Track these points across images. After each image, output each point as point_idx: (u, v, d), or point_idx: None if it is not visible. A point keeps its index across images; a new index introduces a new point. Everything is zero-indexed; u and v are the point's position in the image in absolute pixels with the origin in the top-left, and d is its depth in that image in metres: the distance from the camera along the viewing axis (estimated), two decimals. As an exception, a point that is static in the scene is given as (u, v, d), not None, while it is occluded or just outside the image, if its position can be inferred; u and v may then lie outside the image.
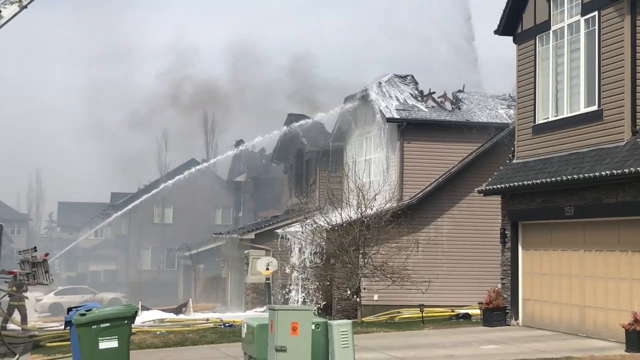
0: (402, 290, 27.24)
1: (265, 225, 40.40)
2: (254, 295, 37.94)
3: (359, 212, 26.72)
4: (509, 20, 23.34)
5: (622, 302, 18.51)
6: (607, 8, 19.54)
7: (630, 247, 18.42)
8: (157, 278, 73.85)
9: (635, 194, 18.03)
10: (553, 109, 21.67)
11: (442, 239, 30.14)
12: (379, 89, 32.49)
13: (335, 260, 28.23)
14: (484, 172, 27.97)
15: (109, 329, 12.03)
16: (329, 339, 14.11)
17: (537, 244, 22.17)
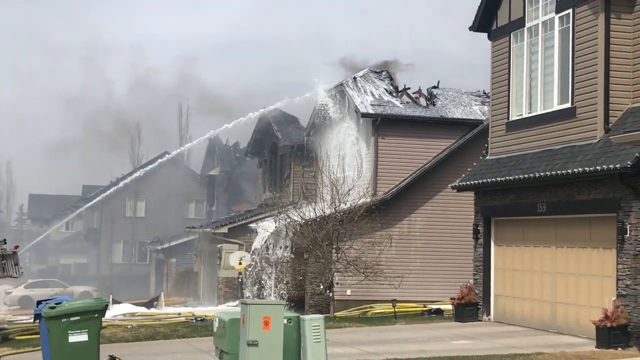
0: (375, 286, 27.31)
1: (238, 219, 40.36)
2: (226, 289, 37.92)
3: (333, 207, 26.74)
4: (484, 16, 23.42)
5: (593, 299, 18.66)
6: (581, 6, 19.66)
7: (601, 244, 18.58)
8: (128, 272, 73.50)
9: (607, 191, 18.18)
10: (527, 106, 21.79)
11: (415, 235, 30.25)
12: (354, 84, 32.53)
13: (308, 255, 28.26)
14: (457, 168, 28.12)
15: (79, 322, 11.96)
16: (301, 333, 14.13)
17: (509, 240, 22.29)
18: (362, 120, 31.40)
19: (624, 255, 17.60)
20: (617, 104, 18.92)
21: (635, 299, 17.27)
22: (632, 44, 18.94)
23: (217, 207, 65.39)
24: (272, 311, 13.64)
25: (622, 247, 17.62)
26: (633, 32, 18.94)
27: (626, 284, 17.53)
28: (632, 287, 17.38)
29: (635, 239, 17.37)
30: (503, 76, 22.74)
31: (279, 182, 40.58)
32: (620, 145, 17.36)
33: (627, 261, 17.51)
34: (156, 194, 71.32)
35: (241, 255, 35.59)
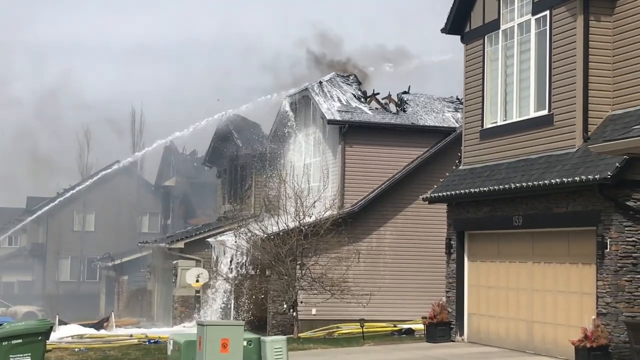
0: (342, 304, 27.36)
1: (195, 233, 40.25)
2: (182, 309, 37.80)
3: (297, 220, 26.76)
4: (457, 18, 23.55)
5: (572, 317, 18.78)
6: (558, 7, 19.82)
7: (580, 259, 18.71)
8: (76, 290, 72.94)
9: (586, 203, 18.32)
10: (502, 113, 21.91)
11: (385, 250, 30.35)
12: (320, 89, 32.58)
13: (270, 272, 28.24)
14: (429, 179, 28.32)
15: (21, 345, 11.89)
16: (262, 356, 14.15)
17: (483, 255, 22.41)
18: (329, 128, 31.47)
19: (604, 271, 17.73)
20: (596, 111, 19.06)
21: (616, 318, 17.40)
22: (612, 48, 19.12)
23: (172, 220, 65.14)
24: (231, 332, 13.64)
25: (602, 262, 17.74)
26: (613, 35, 19.13)
27: (606, 301, 17.66)
28: (613, 305, 17.52)
29: (615, 254, 17.50)
30: (477, 81, 22.88)
31: (239, 194, 40.54)
32: (600, 154, 17.49)
33: (608, 277, 17.64)
34: (107, 206, 70.92)
35: (198, 272, 35.54)
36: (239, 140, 41.11)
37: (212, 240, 36.84)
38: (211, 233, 38.27)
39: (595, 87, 19.10)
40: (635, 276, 17.43)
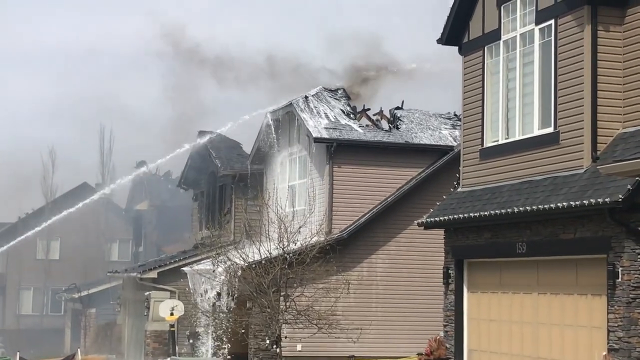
0: (330, 339, 27.26)
1: (170, 262, 40.12)
2: (155, 344, 37.63)
3: (281, 247, 26.69)
4: (454, 27, 23.56)
5: (580, 354, 18.72)
6: (564, 16, 19.86)
7: (589, 289, 18.67)
8: (39, 324, 72.50)
9: (595, 229, 18.30)
10: (503, 131, 21.90)
11: (376, 279, 30.27)
12: (306, 104, 32.49)
13: (252, 304, 28.13)
14: (425, 202, 28.25)
15: (-21, 386, 11.81)
16: (243, 397, 14.09)
17: (484, 285, 22.36)
18: (315, 146, 31.38)
19: (615, 302, 17.69)
20: (606, 128, 19.06)
21: (629, 354, 17.35)
22: (622, 60, 19.15)
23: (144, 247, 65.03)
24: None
25: (614, 293, 17.70)
26: (624, 47, 19.16)
27: (618, 336, 17.62)
28: (625, 340, 17.47)
29: (628, 284, 17.46)
30: (476, 96, 22.87)
31: (217, 218, 40.42)
32: (609, 176, 17.45)
33: (619, 310, 17.60)
34: (73, 232, 70.51)
35: (173, 304, 35.36)
36: (217, 160, 40.99)
37: (187, 269, 36.68)
38: (187, 262, 38.14)
39: (604, 103, 19.09)
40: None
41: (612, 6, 19.19)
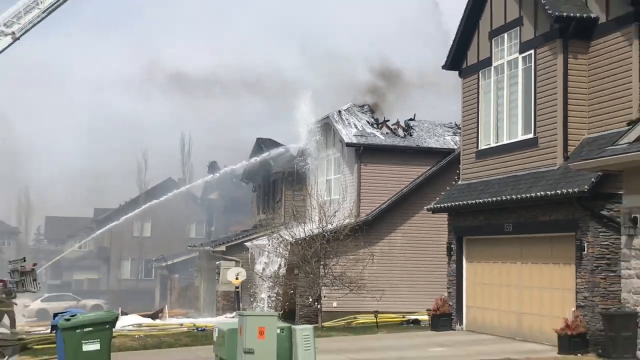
0: (359, 298, 27.21)
1: (235, 238, 40.24)
2: (224, 302, 37.72)
3: (321, 227, 26.68)
4: (455, 56, 23.52)
5: (555, 310, 18.62)
6: (541, 47, 19.79)
7: (562, 260, 18.56)
8: (135, 286, 73.15)
9: (566, 213, 18.19)
10: (494, 136, 21.83)
11: (395, 252, 30.19)
12: (339, 117, 32.54)
13: (298, 271, 28.14)
14: (432, 192, 28.13)
15: (92, 332, 11.87)
16: (293, 342, 14.05)
17: (479, 257, 22.28)
18: (347, 149, 31.42)
19: (582, 270, 17.59)
20: (574, 134, 18.96)
21: (592, 310, 17.25)
22: (587, 81, 19.03)
23: (215, 227, 65.30)
24: (267, 322, 13.58)
25: (581, 263, 17.61)
26: (588, 70, 19.03)
27: (584, 296, 17.52)
28: (590, 299, 17.37)
29: (592, 256, 17.37)
30: (472, 109, 22.81)
31: (271, 205, 40.49)
32: (578, 171, 17.42)
33: (585, 275, 17.50)
34: (161, 215, 71.06)
35: (237, 271, 35.47)
36: (270, 160, 41.07)
37: (249, 244, 36.79)
38: (248, 238, 38.23)
39: (573, 115, 19.00)
40: (608, 274, 17.27)
41: (579, 39, 19.07)
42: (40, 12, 27.61)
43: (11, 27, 27.27)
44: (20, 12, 27.53)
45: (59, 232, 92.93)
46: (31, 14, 27.51)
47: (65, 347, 12.11)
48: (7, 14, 27.51)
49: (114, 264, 77.83)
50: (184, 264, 57.30)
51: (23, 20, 27.43)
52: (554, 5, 19.09)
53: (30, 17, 27.50)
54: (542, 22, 19.80)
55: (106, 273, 79.38)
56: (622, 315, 15.79)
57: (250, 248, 36.13)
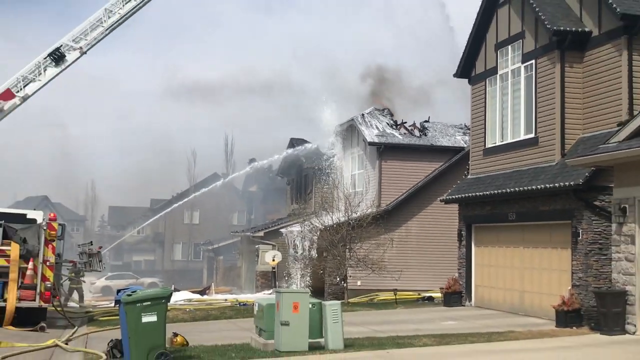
0: (380, 278, 27.21)
1: (272, 225, 40.33)
2: (262, 280, 37.86)
3: (346, 215, 26.71)
4: (465, 66, 23.42)
5: (553, 288, 18.52)
6: (541, 57, 19.64)
7: (559, 245, 18.45)
8: (186, 267, 73.67)
9: (563, 203, 18.07)
10: (499, 136, 21.72)
11: (411, 238, 30.12)
12: (363, 119, 32.53)
13: (327, 254, 28.19)
14: (444, 186, 28.00)
15: (150, 306, 11.98)
16: (323, 315, 14.09)
17: (486, 242, 22.19)
18: (369, 148, 31.40)
19: (577, 253, 17.47)
20: (571, 134, 18.84)
21: (586, 289, 17.11)
22: (582, 87, 18.87)
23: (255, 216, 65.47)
24: (300, 298, 13.64)
25: (576, 247, 17.49)
26: (583, 78, 18.88)
27: (579, 276, 17.39)
28: (584, 279, 17.24)
29: (586, 241, 17.24)
30: (480, 112, 22.70)
31: (303, 196, 40.53)
32: (574, 167, 17.28)
33: (580, 258, 17.38)
34: (208, 205, 71.51)
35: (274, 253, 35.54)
36: (302, 157, 41.13)
37: (284, 230, 36.84)
38: (283, 225, 38.26)
39: (569, 117, 18.87)
40: (600, 257, 17.12)
41: (574, 50, 18.93)
42: (104, 29, 27.85)
43: (79, 42, 27.55)
44: (87, 30, 27.78)
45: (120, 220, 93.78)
46: (96, 31, 27.75)
47: (127, 318, 12.24)
48: (76, 31, 27.79)
49: (167, 247, 78.46)
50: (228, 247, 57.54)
51: (89, 36, 27.68)
52: (552, 21, 18.93)
53: (95, 34, 27.75)
54: (541, 36, 19.63)
55: (161, 255, 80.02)
56: (612, 293, 15.66)
57: (285, 234, 36.19)
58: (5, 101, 26.45)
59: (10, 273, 18.61)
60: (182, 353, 13.69)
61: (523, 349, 13.95)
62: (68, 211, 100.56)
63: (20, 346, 15.25)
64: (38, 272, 18.86)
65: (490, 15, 22.24)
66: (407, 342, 14.67)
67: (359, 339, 15.15)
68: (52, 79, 27.45)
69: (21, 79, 26.91)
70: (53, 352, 15.06)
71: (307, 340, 13.56)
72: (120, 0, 27.91)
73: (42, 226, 19.39)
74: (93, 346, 15.23)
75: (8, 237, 19.10)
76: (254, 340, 14.55)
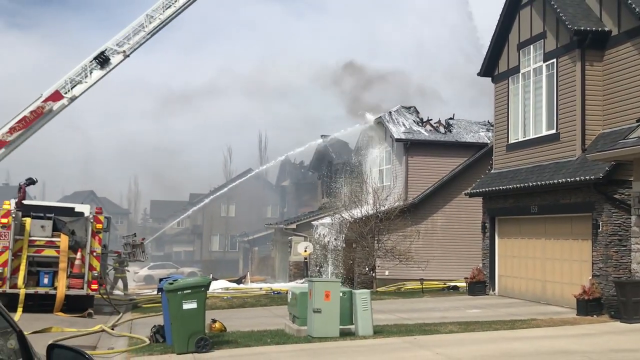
0: (407, 268, 27.19)
1: (304, 218, 40.47)
2: (295, 270, 38.03)
3: (375, 208, 26.71)
4: (489, 65, 23.24)
5: (574, 278, 18.34)
6: (563, 56, 19.41)
7: (580, 236, 18.25)
8: (223, 257, 74.22)
9: (584, 196, 17.86)
10: (522, 132, 21.53)
11: (437, 230, 30.03)
12: (390, 117, 32.47)
13: (356, 245, 28.23)
14: (469, 180, 27.86)
15: (190, 294, 12.12)
16: (353, 303, 14.13)
17: (509, 233, 22.03)
18: (396, 144, 31.32)
19: (597, 245, 17.26)
20: (591, 130, 18.58)
21: (606, 278, 16.91)
22: (602, 85, 18.61)
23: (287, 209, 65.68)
24: (331, 287, 13.69)
25: (596, 239, 17.28)
26: (603, 76, 18.61)
27: (599, 267, 17.19)
28: (604, 269, 17.04)
29: (606, 233, 17.02)
30: (503, 109, 22.52)
31: (333, 190, 40.53)
32: (594, 161, 17.07)
33: (600, 249, 17.17)
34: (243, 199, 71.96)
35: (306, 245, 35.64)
36: (333, 153, 41.19)
37: (315, 222, 36.95)
38: (314, 218, 38.38)
39: (590, 113, 18.61)
40: (620, 248, 16.89)
41: (595, 49, 18.65)
42: (146, 34, 28.11)
43: (122, 46, 27.86)
44: (130, 34, 28.07)
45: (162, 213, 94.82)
46: (138, 35, 28.02)
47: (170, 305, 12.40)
48: (119, 35, 28.10)
49: (205, 238, 79.14)
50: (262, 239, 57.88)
51: (132, 40, 27.96)
52: (572, 21, 18.69)
53: (137, 38, 28.02)
54: (562, 35, 19.40)
55: (199, 246, 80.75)
56: (632, 283, 15.45)
57: (316, 226, 36.27)
58: (55, 102, 26.86)
59: (60, 263, 18.97)
60: (220, 338, 13.83)
61: (545, 335, 13.85)
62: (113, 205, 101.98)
63: (70, 331, 15.55)
64: (85, 262, 19.19)
65: (512, 17, 22.03)
66: (434, 329, 14.65)
67: (388, 326, 15.16)
68: (98, 81, 27.80)
69: (69, 81, 27.29)
70: (100, 336, 15.32)
71: (338, 326, 13.61)
72: (161, 6, 28.14)
73: (89, 219, 19.71)
74: (137, 331, 15.46)
75: (58, 229, 19.46)
76: (288, 326, 14.65)
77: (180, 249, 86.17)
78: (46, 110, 26.68)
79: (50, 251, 19.10)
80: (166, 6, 28.19)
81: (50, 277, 19.10)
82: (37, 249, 19.05)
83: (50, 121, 27.38)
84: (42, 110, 26.58)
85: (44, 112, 26.68)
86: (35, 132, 26.94)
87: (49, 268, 19.15)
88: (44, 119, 26.93)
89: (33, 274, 19.09)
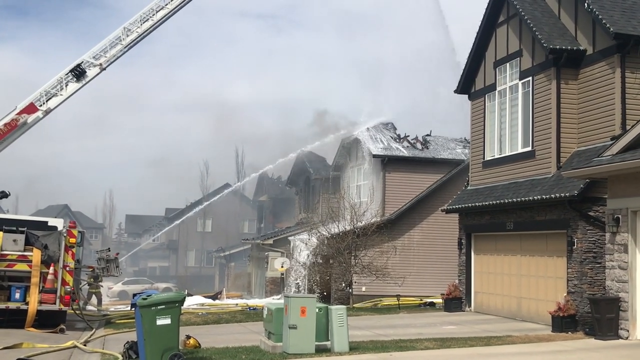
0: (384, 284, 27.18)
1: (281, 233, 40.33)
2: (272, 286, 37.85)
3: (352, 224, 26.70)
4: (465, 82, 23.43)
5: (549, 294, 18.43)
6: (538, 74, 19.63)
7: (555, 253, 18.37)
8: (199, 272, 73.68)
9: (559, 213, 18.00)
10: (498, 149, 21.68)
11: (414, 246, 30.09)
12: (368, 133, 32.60)
13: (333, 261, 28.18)
14: (445, 196, 28.03)
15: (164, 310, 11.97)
16: (329, 319, 14.06)
17: (485, 250, 22.11)
18: (374, 160, 31.42)
19: (572, 261, 17.39)
20: (566, 147, 18.78)
21: (581, 295, 17.03)
22: (577, 103, 18.84)
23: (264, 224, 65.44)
24: (307, 303, 13.60)
25: (571, 255, 17.41)
26: (578, 94, 18.85)
27: (574, 283, 17.31)
28: (579, 286, 17.16)
29: (580, 250, 17.17)
30: (480, 126, 22.67)
31: (311, 206, 40.52)
32: (569, 179, 17.24)
33: (575, 266, 17.30)
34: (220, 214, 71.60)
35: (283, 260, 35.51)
36: (310, 169, 41.19)
37: (292, 238, 36.83)
38: (291, 233, 38.24)
39: (565, 131, 18.82)
40: (595, 265, 17.03)
41: (570, 68, 18.91)
42: (123, 47, 27.98)
43: (99, 59, 27.69)
44: (107, 47, 27.93)
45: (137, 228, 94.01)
46: (115, 48, 27.88)
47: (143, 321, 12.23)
48: (96, 48, 27.93)
49: (181, 253, 78.54)
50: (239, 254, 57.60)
51: (109, 53, 27.81)
52: (548, 40, 18.94)
53: (114, 52, 27.87)
54: (538, 54, 19.64)
55: (175, 261, 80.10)
56: (606, 299, 15.56)
57: (293, 241, 36.17)
58: (29, 114, 26.58)
59: (32, 277, 18.68)
60: (194, 355, 13.67)
61: (520, 352, 13.89)
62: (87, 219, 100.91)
63: (41, 347, 15.27)
64: (58, 276, 18.92)
65: (489, 35, 22.27)
66: (410, 346, 14.62)
67: (364, 342, 15.10)
68: (73, 94, 27.57)
69: (44, 94, 27.03)
70: (72, 352, 15.06)
71: (314, 343, 13.52)
72: (138, 20, 28.06)
73: (62, 233, 19.46)
74: (110, 347, 15.23)
75: (30, 243, 19.17)
76: (263, 342, 14.52)
77: (155, 264, 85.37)
78: (20, 122, 26.38)
79: (23, 265, 18.81)
80: (144, 19, 28.11)
81: (22, 292, 18.79)
82: (9, 264, 18.76)
83: (24, 134, 27.07)
84: (16, 122, 26.28)
85: (18, 125, 26.38)
86: (9, 145, 26.61)
87: (20, 283, 18.84)
88: (18, 132, 26.61)
89: (4, 288, 18.79)
